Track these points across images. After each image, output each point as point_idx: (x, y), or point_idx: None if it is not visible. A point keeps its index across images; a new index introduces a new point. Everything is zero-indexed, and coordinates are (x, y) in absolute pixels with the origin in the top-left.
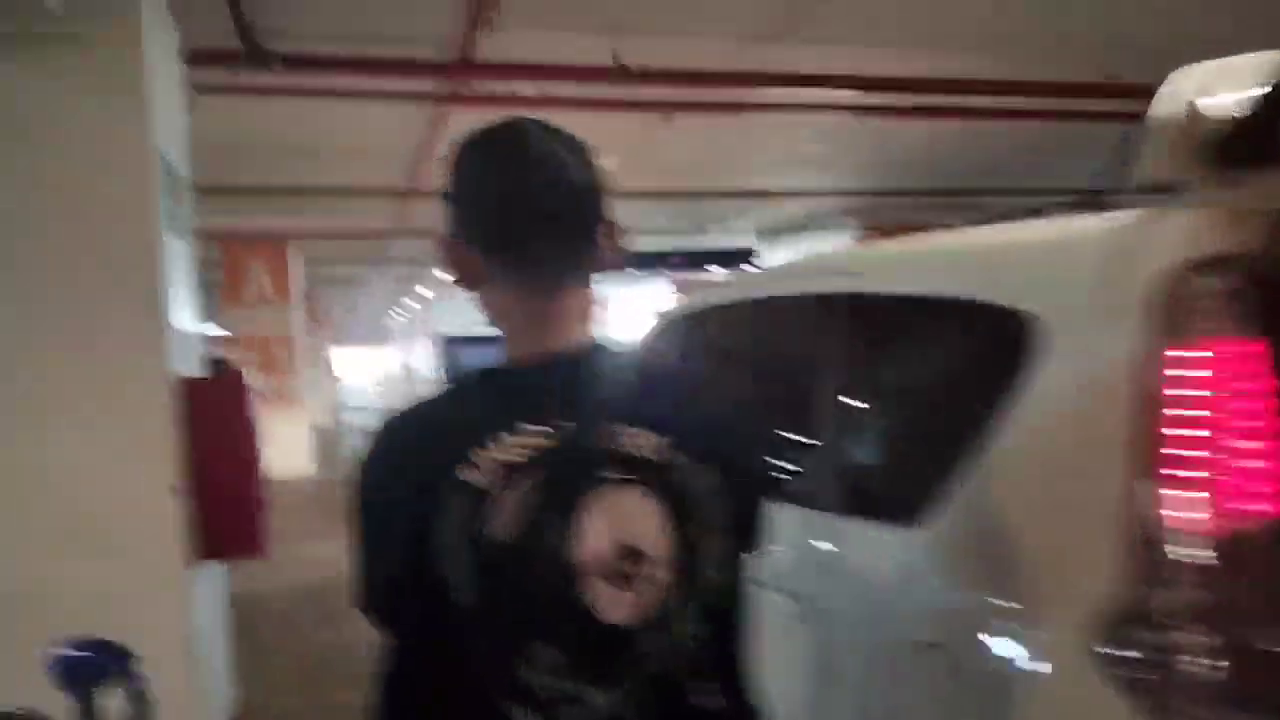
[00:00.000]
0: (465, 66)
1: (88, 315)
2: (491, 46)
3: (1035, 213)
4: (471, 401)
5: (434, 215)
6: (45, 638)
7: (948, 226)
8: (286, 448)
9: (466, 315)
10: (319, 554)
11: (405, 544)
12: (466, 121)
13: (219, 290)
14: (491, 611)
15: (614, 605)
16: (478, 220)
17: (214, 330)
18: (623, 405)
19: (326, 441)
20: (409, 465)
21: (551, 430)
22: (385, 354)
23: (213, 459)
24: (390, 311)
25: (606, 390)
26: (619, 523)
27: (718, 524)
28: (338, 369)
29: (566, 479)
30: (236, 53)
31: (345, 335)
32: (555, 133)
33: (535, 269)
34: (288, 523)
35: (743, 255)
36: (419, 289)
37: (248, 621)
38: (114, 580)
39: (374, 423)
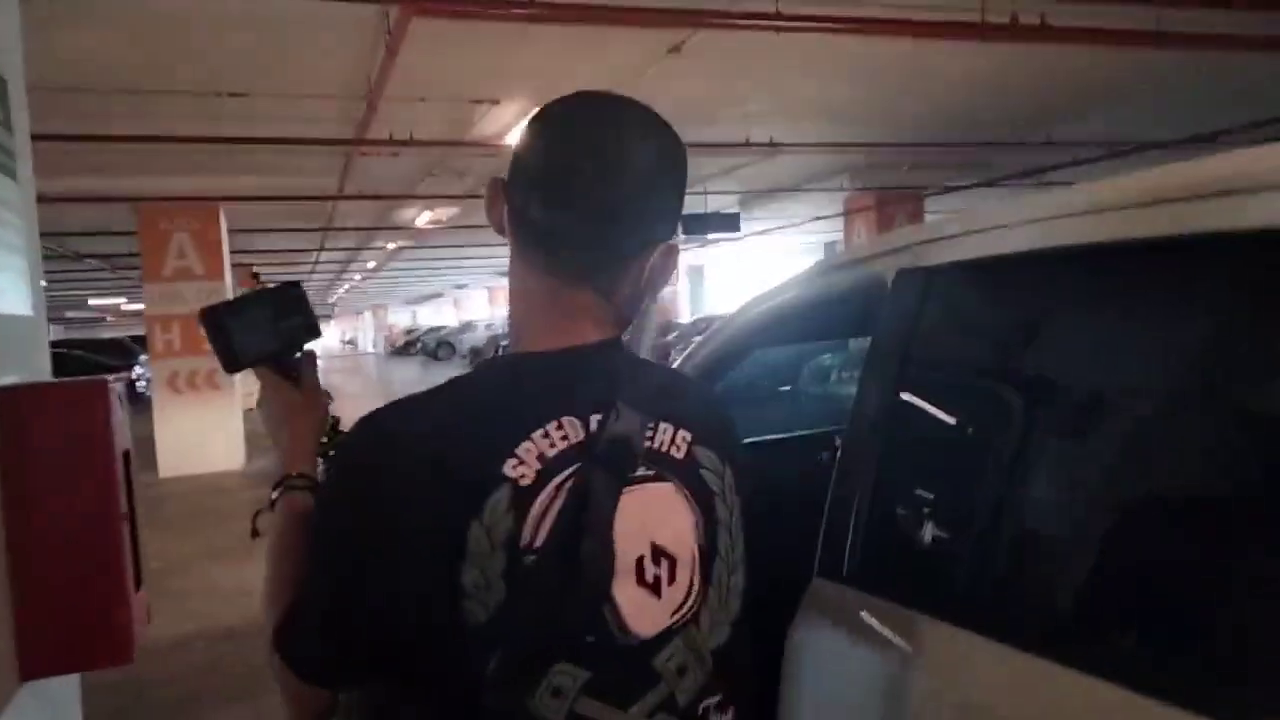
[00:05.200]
0: None
1: None
2: None
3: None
4: (504, 389)
5: (383, 173)
6: None
7: (948, 189)
8: (211, 438)
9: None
10: (240, 579)
11: (419, 553)
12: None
13: (134, 264)
14: (511, 628)
15: (643, 615)
16: (532, 182)
17: (129, 306)
18: (647, 398)
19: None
20: (436, 459)
21: (588, 422)
22: (326, 327)
23: (51, 516)
24: (334, 283)
25: (632, 382)
26: (652, 524)
27: (736, 526)
28: None
29: (604, 475)
30: None
31: None
32: (662, 131)
33: (568, 261)
34: (200, 535)
35: (727, 221)
36: (366, 261)
37: (137, 690)
38: None
39: (363, 418)
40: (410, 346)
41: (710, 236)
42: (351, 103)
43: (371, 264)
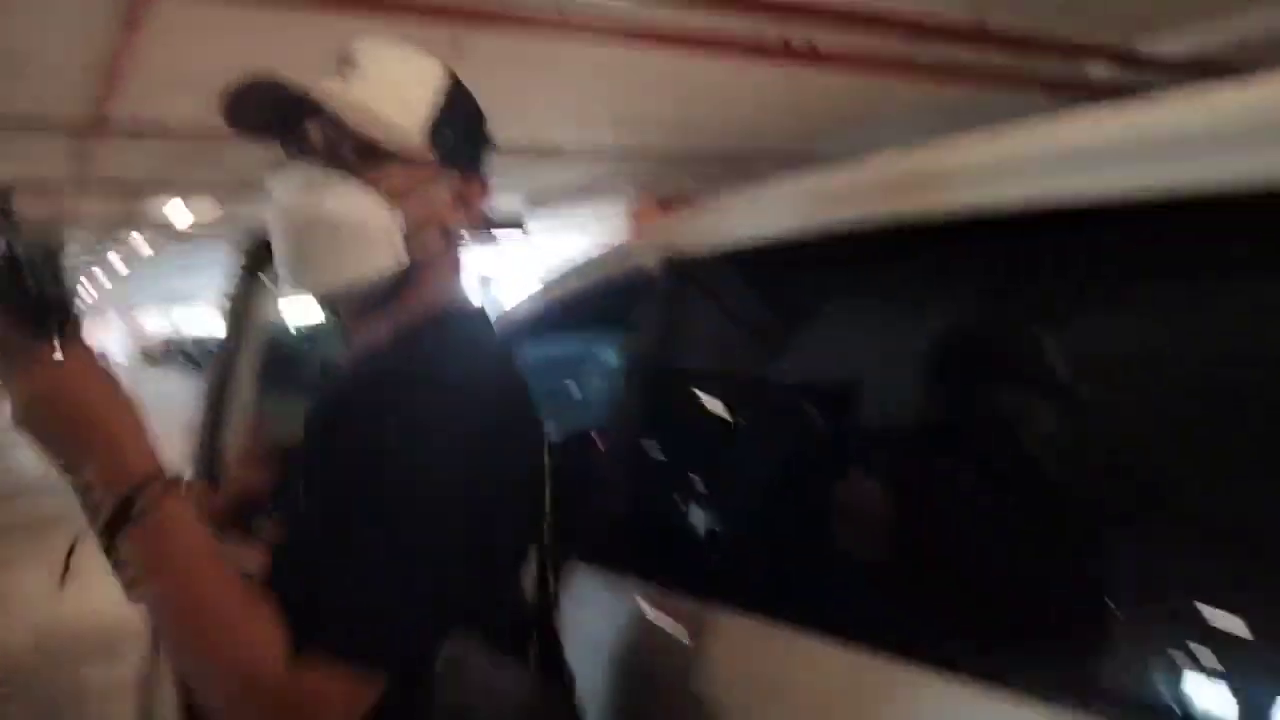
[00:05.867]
0: None
1: None
2: None
3: None
4: (505, 349)
5: (130, 162)
6: None
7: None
8: None
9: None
10: None
11: (541, 490)
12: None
13: None
14: (538, 543)
15: None
16: (481, 147)
17: None
18: None
19: None
20: (531, 423)
21: None
22: None
23: None
24: (77, 279)
25: None
26: None
27: None
28: None
29: None
30: None
31: None
32: None
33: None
34: None
35: (511, 224)
36: (112, 259)
37: None
38: None
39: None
40: (166, 355)
41: (499, 239)
42: (91, 83)
43: (119, 260)
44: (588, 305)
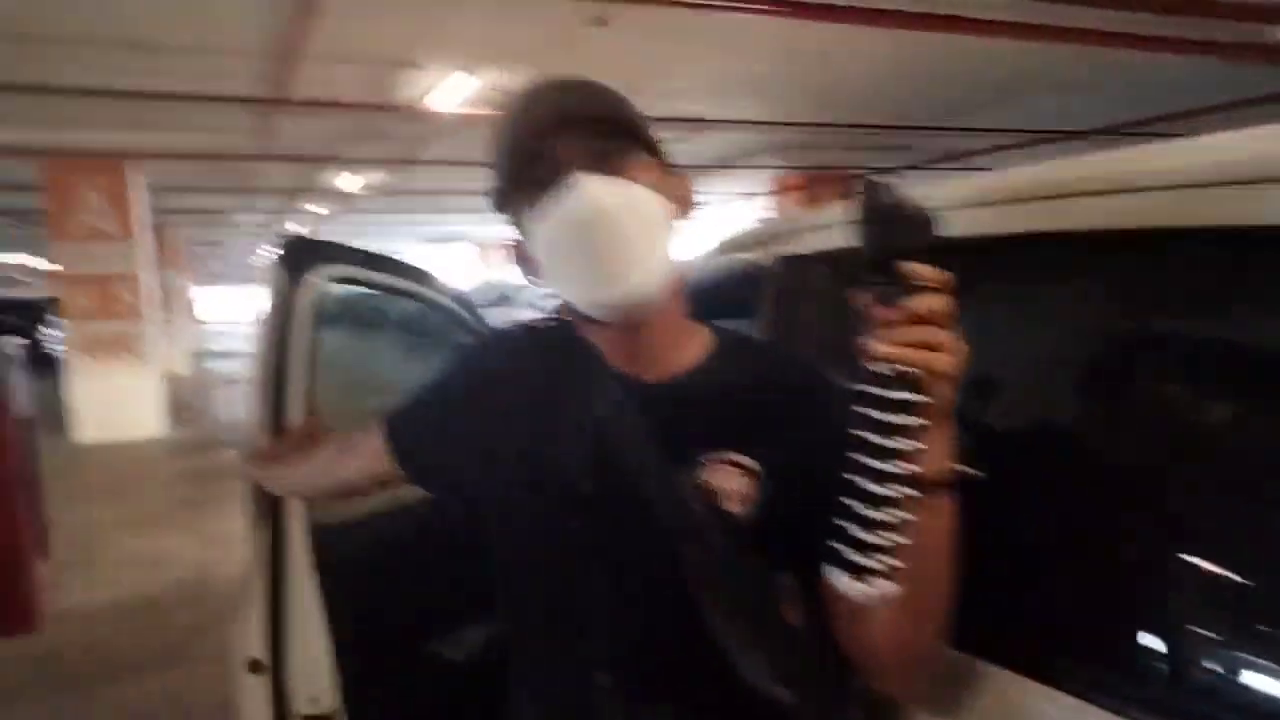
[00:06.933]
0: None
1: None
2: None
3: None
4: None
5: (301, 135)
6: None
7: (873, 170)
8: (127, 404)
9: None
10: (160, 548)
11: None
12: None
13: (44, 220)
14: None
15: None
16: None
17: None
18: None
19: (185, 394)
20: None
21: None
22: (255, 294)
23: None
24: (260, 248)
25: None
26: None
27: None
28: (200, 311)
29: None
30: None
31: (208, 274)
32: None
33: None
34: (119, 504)
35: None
36: (290, 224)
37: (53, 659)
38: None
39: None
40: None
41: None
42: (266, 60)
43: (297, 225)
44: (711, 295)
